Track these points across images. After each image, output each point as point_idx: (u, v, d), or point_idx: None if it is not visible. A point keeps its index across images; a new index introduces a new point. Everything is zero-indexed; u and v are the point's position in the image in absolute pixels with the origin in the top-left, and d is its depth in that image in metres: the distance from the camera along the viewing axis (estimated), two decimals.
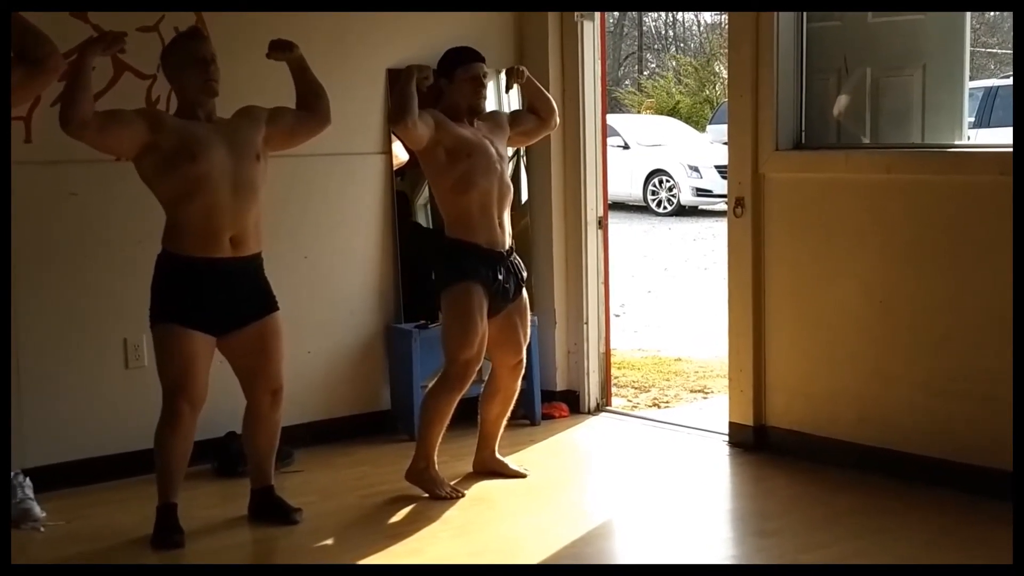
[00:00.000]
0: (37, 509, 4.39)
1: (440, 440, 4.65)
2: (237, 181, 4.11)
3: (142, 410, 4.49)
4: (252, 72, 4.85)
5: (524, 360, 4.83)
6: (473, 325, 4.52)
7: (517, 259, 4.71)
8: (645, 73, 30.60)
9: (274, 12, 5.17)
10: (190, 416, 4.11)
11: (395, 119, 4.43)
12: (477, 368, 4.61)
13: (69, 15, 4.69)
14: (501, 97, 5.85)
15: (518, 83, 4.83)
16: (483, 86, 4.62)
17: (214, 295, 4.11)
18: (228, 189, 4.09)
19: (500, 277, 4.57)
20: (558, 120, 4.97)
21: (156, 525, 4.15)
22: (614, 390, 6.20)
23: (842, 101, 5.20)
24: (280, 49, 4.32)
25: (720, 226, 10.97)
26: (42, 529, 4.33)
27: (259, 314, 4.22)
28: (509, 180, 4.68)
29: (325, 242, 5.40)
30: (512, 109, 5.35)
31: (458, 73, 4.56)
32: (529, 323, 4.83)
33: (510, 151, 5.11)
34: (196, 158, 4.02)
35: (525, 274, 4.78)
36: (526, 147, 5.81)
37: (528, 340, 4.83)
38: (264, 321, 4.23)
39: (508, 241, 4.66)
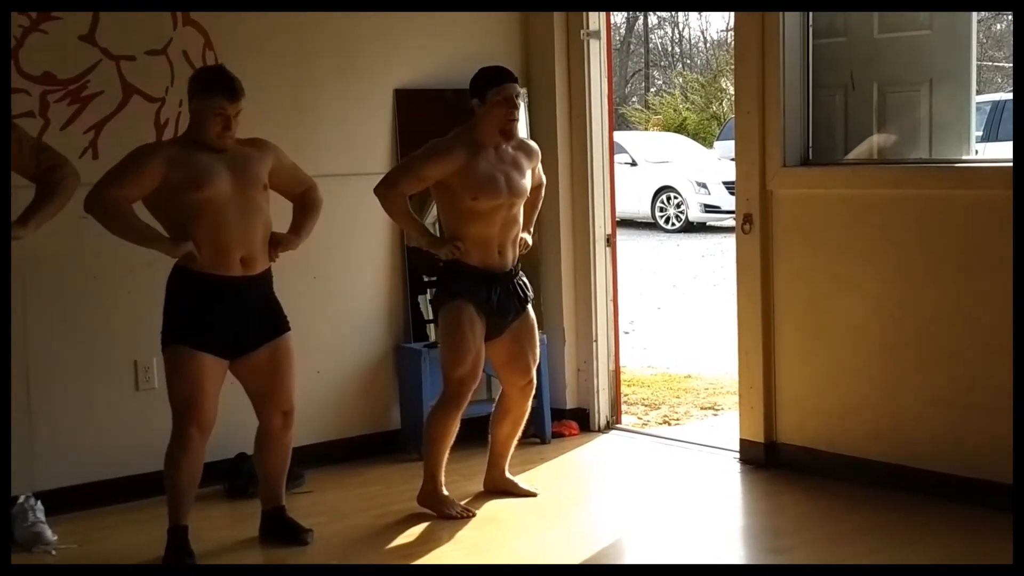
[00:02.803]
0: (49, 532, 4.39)
1: (447, 459, 4.64)
2: (243, 206, 4.12)
3: (153, 432, 4.50)
4: (263, 100, 4.88)
5: (534, 381, 4.81)
6: (464, 343, 4.51)
7: (523, 279, 4.70)
8: (652, 90, 30.64)
9: (281, 31, 5.19)
10: (199, 439, 4.11)
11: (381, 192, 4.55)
12: (474, 386, 4.60)
13: (77, 38, 4.72)
14: None
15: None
16: (516, 108, 4.49)
17: (225, 315, 4.12)
18: (235, 211, 4.10)
19: (494, 296, 4.56)
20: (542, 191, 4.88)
21: (167, 547, 4.14)
22: (624, 407, 6.18)
23: (877, 140, 5.21)
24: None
25: (729, 242, 10.98)
26: (54, 552, 4.33)
27: (270, 335, 4.23)
28: (518, 214, 4.62)
29: (334, 262, 5.41)
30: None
31: (490, 95, 4.43)
32: (538, 344, 4.81)
33: None
34: (201, 188, 4.04)
35: (531, 294, 4.76)
36: None
37: (538, 361, 4.82)
38: (275, 343, 4.24)
39: (509, 263, 4.62)
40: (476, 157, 4.47)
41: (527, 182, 4.62)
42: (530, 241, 4.76)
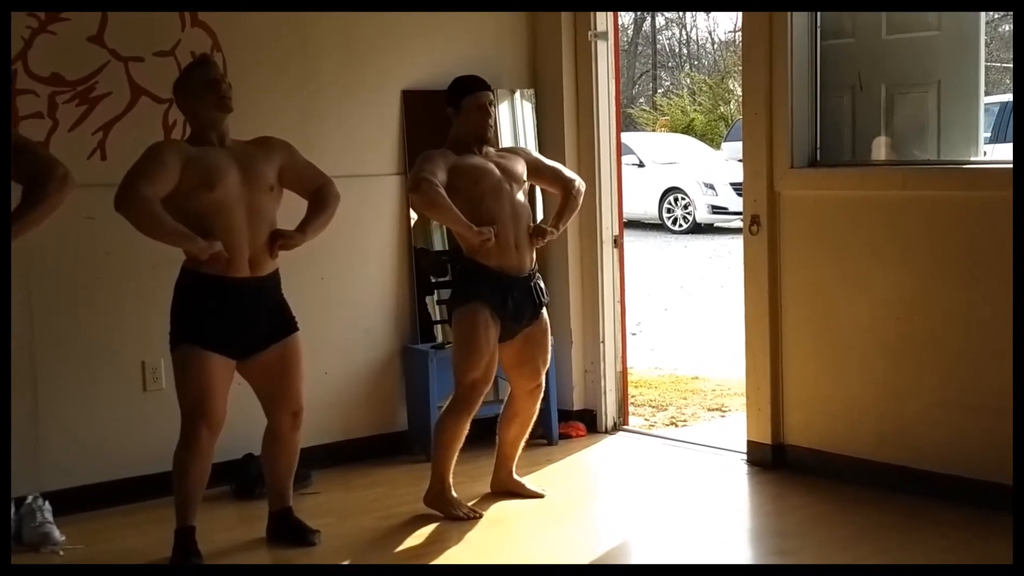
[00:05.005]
0: (56, 533, 4.40)
1: (455, 462, 4.65)
2: (251, 207, 4.13)
3: (160, 433, 4.50)
4: (270, 101, 4.89)
5: (543, 384, 4.82)
6: (478, 347, 4.52)
7: (539, 282, 4.71)
8: (659, 91, 30.63)
9: (288, 32, 5.20)
10: (208, 439, 4.12)
11: (419, 186, 4.45)
12: (486, 389, 4.61)
13: (86, 40, 4.73)
14: (517, 126, 5.86)
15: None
16: (489, 115, 4.63)
17: (234, 317, 4.12)
18: (243, 213, 4.11)
19: (510, 301, 4.57)
20: (581, 188, 4.84)
21: (174, 548, 4.15)
22: (631, 409, 6.18)
23: (880, 144, 5.21)
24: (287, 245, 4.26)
25: (736, 243, 10.96)
26: (61, 553, 4.33)
27: (279, 336, 4.24)
28: (523, 199, 4.68)
29: (341, 263, 5.41)
30: (530, 146, 5.43)
31: (465, 103, 4.59)
32: (549, 348, 4.81)
33: None
34: (214, 188, 4.05)
35: (547, 298, 4.77)
36: None
37: (548, 365, 4.83)
38: (284, 343, 4.25)
39: (527, 264, 4.64)
40: (463, 156, 4.60)
41: (520, 168, 4.71)
42: (554, 234, 4.72)
